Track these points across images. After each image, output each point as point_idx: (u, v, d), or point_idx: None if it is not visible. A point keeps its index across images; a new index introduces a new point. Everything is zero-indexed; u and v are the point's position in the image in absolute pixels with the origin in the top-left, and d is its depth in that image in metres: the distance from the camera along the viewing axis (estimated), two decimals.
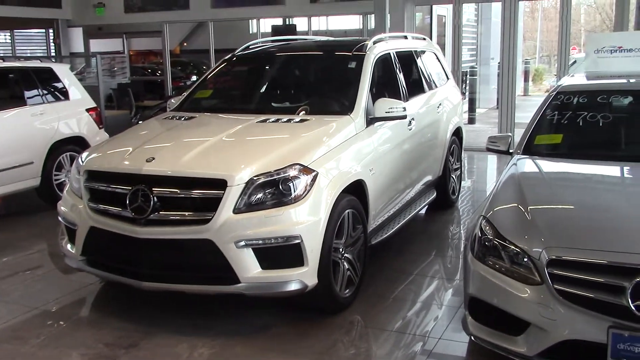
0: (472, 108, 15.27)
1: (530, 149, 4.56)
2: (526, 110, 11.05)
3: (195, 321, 4.35)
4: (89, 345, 4.08)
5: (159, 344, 4.05)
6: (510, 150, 4.73)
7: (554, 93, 4.90)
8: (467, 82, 15.63)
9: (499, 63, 18.52)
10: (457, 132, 7.28)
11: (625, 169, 4.20)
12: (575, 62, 11.22)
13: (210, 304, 4.54)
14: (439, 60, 7.36)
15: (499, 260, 3.45)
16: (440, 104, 6.75)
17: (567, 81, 5.14)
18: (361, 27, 14.23)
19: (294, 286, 4.00)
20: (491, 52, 19.11)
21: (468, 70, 15.79)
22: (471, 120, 14.92)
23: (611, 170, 4.24)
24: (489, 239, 3.53)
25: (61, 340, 4.17)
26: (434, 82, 6.87)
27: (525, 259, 3.32)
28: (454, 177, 7.27)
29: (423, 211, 6.77)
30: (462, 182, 7.76)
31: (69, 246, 4.64)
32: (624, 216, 3.52)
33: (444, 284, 5.12)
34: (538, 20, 38.94)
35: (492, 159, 10.64)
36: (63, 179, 7.65)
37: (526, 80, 23.23)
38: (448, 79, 7.48)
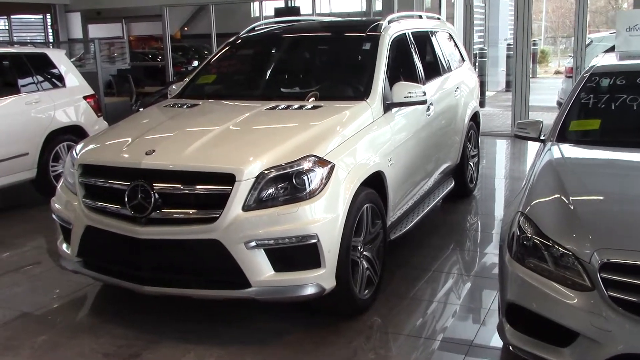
0: (482, 91, 14.79)
1: (565, 135, 4.16)
2: (537, 93, 10.65)
3: (202, 328, 4.00)
4: (86, 355, 3.73)
5: (163, 354, 3.71)
6: (542, 137, 4.33)
7: (588, 75, 4.50)
8: (477, 64, 15.17)
9: (508, 45, 18.24)
10: (475, 117, 6.90)
11: None
12: (591, 42, 10.76)
13: (217, 309, 4.19)
14: (454, 41, 6.95)
15: (541, 262, 3.08)
16: (457, 88, 6.36)
17: (600, 61, 4.74)
18: (365, 9, 13.78)
19: (310, 290, 3.65)
20: (500, 34, 18.64)
21: (477, 52, 15.32)
22: (481, 104, 14.47)
23: None
24: (528, 238, 3.16)
25: (57, 350, 3.82)
26: (450, 65, 6.47)
27: (573, 261, 2.95)
28: (472, 164, 6.89)
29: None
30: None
31: (64, 246, 4.29)
32: None
33: (466, 281, 4.76)
34: (543, 1, 38.28)
35: (502, 143, 10.27)
36: (60, 171, 7.28)
37: (534, 62, 22.73)
38: (464, 60, 7.07)
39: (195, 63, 17.70)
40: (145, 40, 21.77)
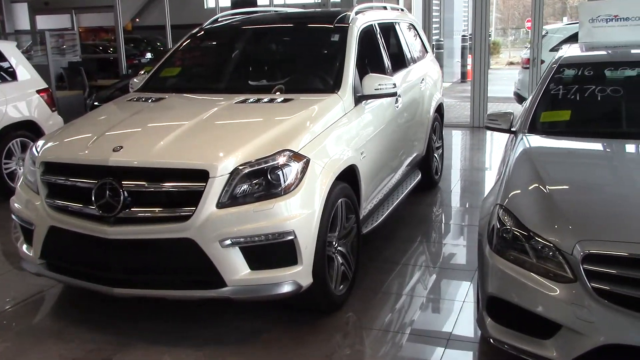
0: None
1: (536, 126, 4.19)
2: (492, 84, 10.78)
3: (176, 328, 3.88)
4: None
5: (136, 358, 3.57)
6: (513, 129, 4.34)
7: (556, 66, 4.53)
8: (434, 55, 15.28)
9: (463, 36, 18.43)
10: (439, 109, 6.91)
11: None
12: (547, 33, 10.91)
13: (192, 309, 4.07)
14: (417, 33, 6.94)
15: (521, 254, 3.08)
16: (422, 79, 6.35)
17: (567, 52, 4.78)
18: (321, 0, 13.68)
19: (287, 288, 3.56)
20: (455, 25, 18.83)
21: (435, 43, 15.44)
22: None
23: (631, 148, 3.89)
24: (508, 230, 3.15)
25: (22, 357, 3.64)
26: (414, 56, 6.46)
27: (555, 253, 2.95)
28: (437, 156, 6.91)
29: None
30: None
31: (24, 248, 4.10)
32: None
33: (438, 273, 4.75)
34: None
35: (461, 134, 10.35)
36: (14, 168, 7.02)
37: None
38: (427, 52, 7.07)
39: (149, 55, 17.32)
40: (95, 31, 21.21)
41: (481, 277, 3.31)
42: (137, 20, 21.51)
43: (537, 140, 4.02)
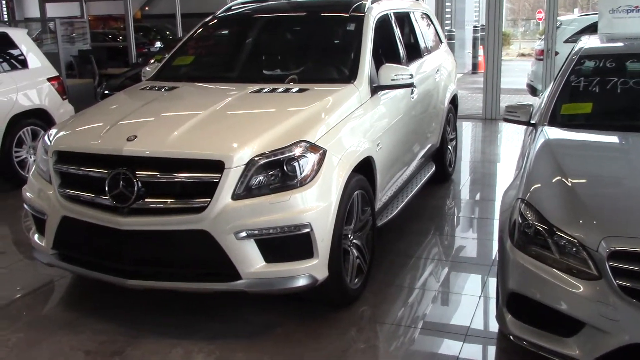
0: None
1: (556, 119, 4.10)
2: (503, 75, 10.68)
3: (189, 321, 3.82)
4: (66, 354, 3.53)
5: (148, 350, 3.53)
6: (532, 121, 4.26)
7: (577, 57, 4.43)
8: None
9: (474, 27, 18.27)
10: (453, 100, 6.83)
11: None
12: (561, 24, 10.76)
13: (204, 301, 4.02)
14: (432, 22, 6.84)
15: (544, 249, 3.00)
16: (437, 70, 6.26)
17: (587, 43, 4.68)
18: None
19: (302, 281, 3.51)
20: (466, 16, 18.65)
21: (446, 34, 15.30)
22: None
23: None
24: (530, 225, 3.08)
25: (34, 348, 3.60)
26: (429, 46, 6.37)
27: (579, 249, 2.87)
28: (450, 148, 6.82)
29: None
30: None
31: (36, 237, 4.05)
32: None
33: (452, 267, 4.68)
34: None
35: (473, 126, 10.24)
36: (24, 156, 6.98)
37: None
38: (441, 42, 6.98)
39: (158, 44, 17.23)
40: (104, 20, 21.12)
41: (501, 272, 3.23)
42: (147, 8, 21.40)
43: (558, 133, 3.93)
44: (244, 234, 3.39)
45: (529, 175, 3.47)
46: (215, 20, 5.46)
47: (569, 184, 3.21)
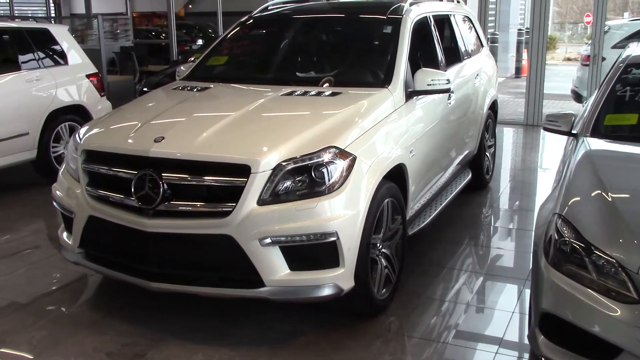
0: None
1: (599, 130, 3.91)
2: (547, 80, 10.39)
3: (211, 326, 3.77)
4: (88, 354, 3.51)
5: (170, 355, 3.48)
6: (574, 131, 4.08)
7: (623, 65, 4.24)
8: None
9: (519, 30, 17.90)
10: (493, 106, 6.64)
11: None
12: (609, 29, 10.43)
13: (227, 306, 3.96)
14: (473, 26, 6.68)
15: (580, 269, 2.85)
16: (477, 75, 6.10)
17: (635, 50, 4.48)
18: None
19: (327, 291, 3.42)
20: (510, 19, 18.29)
21: (489, 37, 15.02)
22: None
23: None
24: (566, 242, 2.92)
25: (57, 347, 3.60)
26: (469, 50, 6.21)
27: (618, 270, 2.71)
28: (489, 155, 6.65)
29: None
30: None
31: (64, 235, 4.06)
32: None
33: (485, 279, 4.53)
34: None
35: (514, 132, 9.99)
36: (62, 152, 7.05)
37: None
38: (483, 46, 6.80)
39: (200, 42, 17.35)
40: (148, 17, 21.39)
41: (535, 291, 3.09)
42: (190, 6, 21.60)
43: (600, 144, 3.76)
44: (268, 240, 3.32)
45: (567, 189, 3.31)
46: (251, 20, 5.41)
47: (609, 199, 3.04)
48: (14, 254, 5.03)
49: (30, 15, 18.54)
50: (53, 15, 16.40)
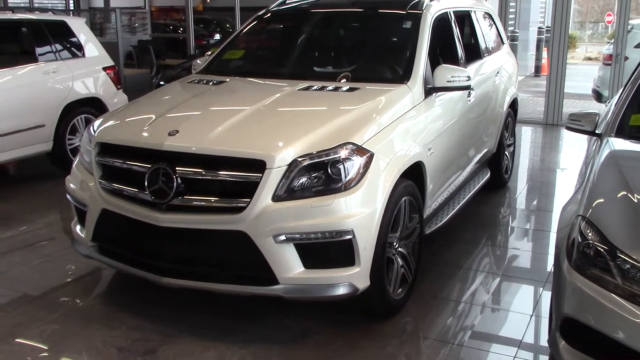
0: None
1: (624, 130, 3.80)
2: (567, 79, 10.23)
3: (224, 323, 3.72)
4: (99, 349, 3.47)
5: (181, 351, 3.43)
6: (597, 131, 3.97)
7: None
8: None
9: (539, 28, 17.68)
10: (513, 104, 6.53)
11: None
12: (632, 28, 10.24)
13: (240, 303, 3.90)
14: (493, 22, 6.56)
15: (605, 273, 2.75)
16: (497, 72, 5.99)
17: None
18: None
19: (342, 290, 3.35)
20: (531, 17, 18.06)
21: (509, 35, 14.83)
22: None
23: None
24: (590, 245, 2.83)
25: (68, 341, 3.56)
26: (490, 47, 6.10)
27: None
28: (508, 154, 6.54)
29: None
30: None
31: (77, 228, 4.02)
32: None
33: (503, 280, 4.44)
34: None
35: (533, 131, 9.84)
36: (77, 144, 7.03)
37: None
38: (503, 43, 6.69)
39: (217, 36, 17.34)
40: (166, 11, 21.41)
41: (556, 294, 3.00)
42: (208, 1, 21.59)
43: (625, 145, 3.65)
44: (283, 237, 3.26)
45: (591, 190, 3.21)
46: (269, 14, 5.35)
47: (636, 201, 2.94)
48: (28, 246, 5.01)
49: (49, 7, 18.63)
50: (72, 8, 16.45)
